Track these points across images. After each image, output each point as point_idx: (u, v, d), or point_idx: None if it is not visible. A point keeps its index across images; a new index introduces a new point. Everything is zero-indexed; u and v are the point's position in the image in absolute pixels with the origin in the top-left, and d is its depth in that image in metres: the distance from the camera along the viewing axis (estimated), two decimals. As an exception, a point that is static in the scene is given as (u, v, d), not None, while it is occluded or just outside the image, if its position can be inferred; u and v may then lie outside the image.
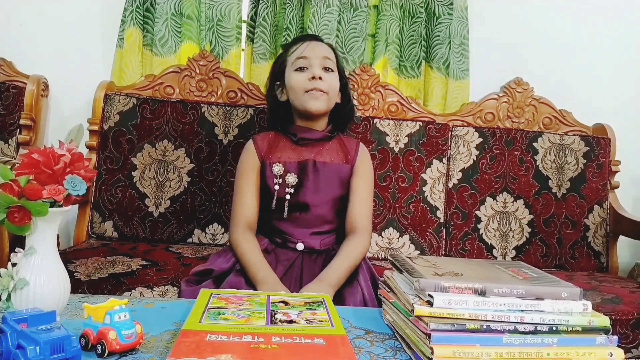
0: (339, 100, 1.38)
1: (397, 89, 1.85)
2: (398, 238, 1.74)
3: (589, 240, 1.84)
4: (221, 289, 1.13)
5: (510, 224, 1.81)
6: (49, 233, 0.79)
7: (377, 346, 0.79)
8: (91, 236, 1.68)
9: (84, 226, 1.67)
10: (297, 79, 1.31)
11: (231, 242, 1.28)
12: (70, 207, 0.81)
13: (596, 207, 1.85)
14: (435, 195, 1.78)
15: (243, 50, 1.90)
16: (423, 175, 1.78)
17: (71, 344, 0.64)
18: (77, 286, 1.22)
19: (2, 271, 0.78)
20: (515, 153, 1.84)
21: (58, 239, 1.09)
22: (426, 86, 1.94)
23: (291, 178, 1.29)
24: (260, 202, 1.32)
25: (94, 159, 1.67)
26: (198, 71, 1.76)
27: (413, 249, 1.75)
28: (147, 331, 0.76)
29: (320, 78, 1.29)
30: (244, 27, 1.88)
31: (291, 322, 0.78)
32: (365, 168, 1.36)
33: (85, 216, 1.67)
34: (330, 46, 1.41)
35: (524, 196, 1.82)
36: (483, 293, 0.74)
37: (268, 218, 1.32)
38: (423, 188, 1.77)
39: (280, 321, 0.78)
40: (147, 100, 1.71)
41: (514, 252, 1.80)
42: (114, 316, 0.70)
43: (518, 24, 2.00)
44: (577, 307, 0.75)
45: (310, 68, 1.30)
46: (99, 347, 0.68)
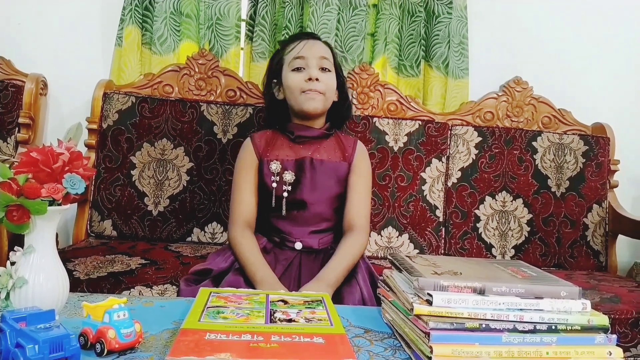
0: (336, 98, 1.38)
1: (397, 88, 1.85)
2: (397, 237, 1.74)
3: (588, 239, 1.84)
4: (220, 288, 1.13)
5: (509, 223, 1.81)
6: (48, 232, 0.79)
7: (377, 345, 0.79)
8: (90, 235, 1.67)
9: (83, 225, 1.67)
10: (294, 80, 1.31)
11: (230, 241, 1.28)
12: (69, 206, 0.81)
13: (595, 207, 1.85)
14: (434, 194, 1.78)
15: (242, 49, 1.90)
16: (422, 174, 1.78)
17: (70, 343, 0.64)
18: (76, 285, 1.22)
19: (1, 270, 0.78)
20: (514, 152, 1.84)
21: (57, 238, 1.08)
22: (425, 85, 1.94)
23: (289, 176, 1.29)
24: (258, 201, 1.32)
25: (93, 158, 1.67)
26: (197, 70, 1.76)
27: (412, 248, 1.75)
28: (146, 330, 0.76)
29: (317, 79, 1.29)
30: (243, 26, 1.88)
31: (290, 321, 0.78)
32: (363, 166, 1.36)
33: (84, 215, 1.67)
34: (327, 44, 1.40)
35: (523, 195, 1.82)
36: (482, 292, 0.75)
37: (266, 217, 1.32)
38: (422, 187, 1.77)
39: (279, 320, 0.78)
40: (146, 99, 1.71)
41: (513, 251, 1.80)
42: (113, 315, 0.70)
43: (517, 24, 2.01)
44: (576, 306, 0.75)
45: (307, 68, 1.30)
46: (98, 346, 0.68)
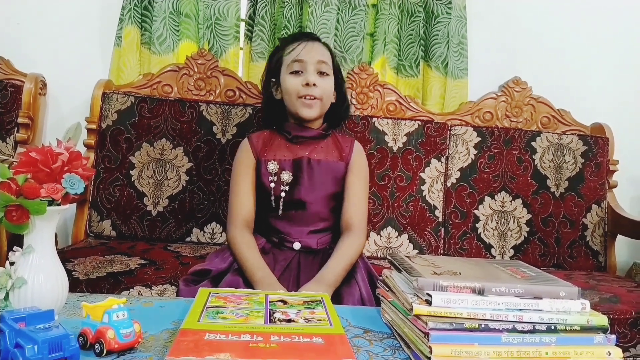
0: (334, 100, 1.39)
1: (396, 88, 1.85)
2: (396, 237, 1.74)
3: (587, 239, 1.84)
4: (220, 288, 1.13)
5: (508, 223, 1.81)
6: (47, 232, 0.79)
7: (376, 345, 0.79)
8: (89, 235, 1.67)
9: (82, 225, 1.66)
10: (292, 84, 1.31)
11: (229, 241, 1.28)
12: (68, 206, 0.80)
13: (594, 207, 1.85)
14: (433, 194, 1.78)
15: (241, 49, 1.90)
16: (421, 174, 1.78)
17: (69, 343, 0.64)
18: (75, 285, 1.22)
19: (0, 270, 0.78)
20: (513, 152, 1.84)
21: (56, 238, 1.08)
22: (425, 85, 1.94)
23: (286, 176, 1.30)
24: (256, 201, 1.32)
25: (92, 158, 1.66)
26: (196, 70, 1.76)
27: (411, 248, 1.75)
28: (146, 330, 0.76)
29: (314, 85, 1.29)
30: (243, 26, 1.88)
31: (290, 321, 0.78)
32: (360, 165, 1.37)
33: (83, 215, 1.67)
34: (326, 46, 1.40)
35: (523, 195, 1.82)
36: (481, 292, 0.75)
37: (265, 217, 1.32)
38: (421, 187, 1.77)
39: (278, 320, 0.78)
40: (145, 98, 1.71)
41: (512, 252, 1.80)
42: (112, 315, 0.70)
43: (516, 24, 2.00)
44: (576, 306, 0.75)
45: (304, 73, 1.30)
46: (97, 346, 0.68)
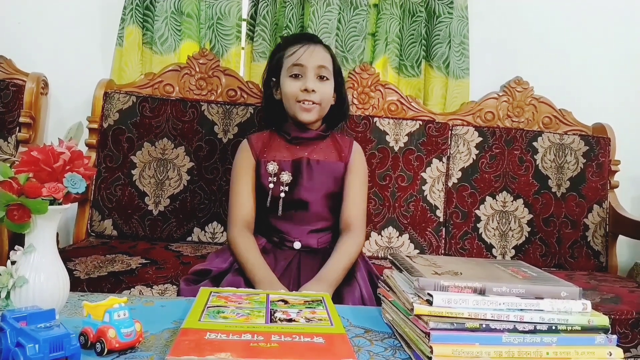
0: (334, 102, 1.39)
1: (397, 88, 1.85)
2: (397, 237, 1.74)
3: (589, 239, 1.84)
4: (221, 288, 1.13)
5: (509, 224, 1.81)
6: (48, 231, 0.79)
7: (377, 345, 0.79)
8: (90, 234, 1.67)
9: (84, 224, 1.67)
10: (291, 88, 1.31)
11: (229, 242, 1.28)
12: (69, 205, 0.81)
13: (596, 207, 1.85)
14: (434, 194, 1.78)
15: (243, 48, 1.90)
16: (423, 174, 1.78)
17: (70, 342, 0.64)
18: (77, 284, 1.22)
19: (2, 269, 0.78)
20: (515, 152, 1.83)
21: (57, 237, 1.08)
22: (426, 85, 1.93)
23: (285, 176, 1.30)
24: (256, 202, 1.32)
25: (94, 157, 1.67)
26: (198, 69, 1.76)
27: (412, 248, 1.75)
28: (147, 329, 0.76)
29: (313, 90, 1.29)
30: (244, 26, 1.88)
31: (290, 321, 0.78)
32: (358, 166, 1.37)
33: (84, 214, 1.67)
34: (327, 49, 1.40)
35: (524, 195, 1.82)
36: (482, 292, 0.75)
37: (265, 217, 1.32)
38: (423, 187, 1.77)
39: (279, 320, 0.78)
40: (147, 98, 1.71)
41: (514, 252, 1.80)
42: (114, 314, 0.70)
43: (518, 24, 2.00)
44: (577, 307, 0.75)
45: (304, 77, 1.30)
46: (98, 345, 0.69)
